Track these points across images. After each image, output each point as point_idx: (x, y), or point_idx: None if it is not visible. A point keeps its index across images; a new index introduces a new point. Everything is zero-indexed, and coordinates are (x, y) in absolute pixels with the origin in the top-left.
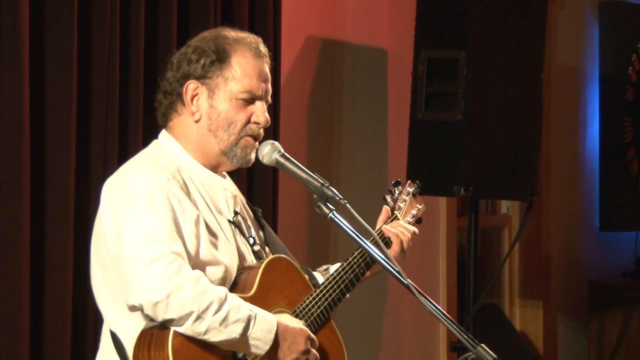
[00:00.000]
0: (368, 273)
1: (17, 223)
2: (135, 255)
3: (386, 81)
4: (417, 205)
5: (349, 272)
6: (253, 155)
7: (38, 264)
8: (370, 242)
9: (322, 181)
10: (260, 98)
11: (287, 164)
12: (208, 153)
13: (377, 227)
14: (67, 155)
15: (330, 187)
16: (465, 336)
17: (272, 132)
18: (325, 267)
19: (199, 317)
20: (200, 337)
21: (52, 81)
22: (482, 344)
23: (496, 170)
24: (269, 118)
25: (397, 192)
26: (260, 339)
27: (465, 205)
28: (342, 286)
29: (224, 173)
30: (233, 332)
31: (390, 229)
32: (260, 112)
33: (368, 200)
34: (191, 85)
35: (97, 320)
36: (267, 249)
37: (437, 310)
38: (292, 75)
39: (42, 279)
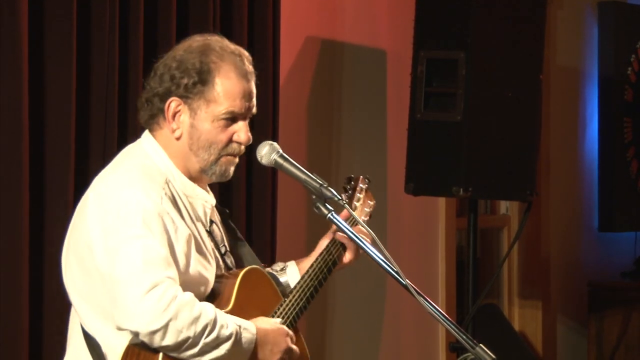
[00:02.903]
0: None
1: (17, 222)
2: (133, 280)
3: (385, 81)
4: (369, 202)
5: (314, 279)
6: (232, 170)
7: (37, 262)
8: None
9: (320, 182)
10: (243, 117)
11: (285, 164)
12: (189, 168)
13: (333, 229)
14: (67, 154)
15: (329, 188)
16: (464, 337)
17: (271, 132)
18: (281, 266)
19: (194, 342)
20: (193, 359)
21: (51, 80)
22: (481, 345)
23: (495, 171)
24: (250, 136)
25: (351, 189)
26: (245, 350)
27: (464, 206)
28: (307, 294)
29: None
30: (223, 348)
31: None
32: (242, 132)
33: None
34: (173, 104)
35: None
36: (231, 257)
37: (435, 311)
38: (291, 76)
39: (41, 277)
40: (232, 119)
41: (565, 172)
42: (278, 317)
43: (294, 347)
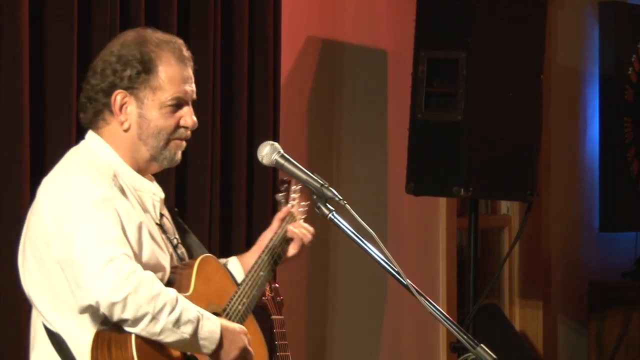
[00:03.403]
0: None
1: (17, 222)
2: (90, 256)
3: (386, 81)
4: (302, 203)
5: (263, 268)
6: (180, 154)
7: None
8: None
9: (321, 182)
10: (186, 102)
11: (286, 164)
12: (138, 159)
13: (275, 225)
14: None
15: (330, 188)
16: (465, 336)
17: (272, 132)
18: (223, 261)
19: (153, 318)
20: (154, 338)
21: (52, 80)
22: (481, 345)
23: (496, 171)
24: (196, 120)
25: (285, 190)
26: (208, 338)
27: (465, 206)
28: (258, 283)
29: (151, 176)
30: (184, 332)
31: (294, 230)
32: (188, 116)
33: (368, 200)
34: (119, 96)
35: None
36: (183, 249)
37: (436, 311)
38: (292, 76)
39: None
40: (177, 104)
41: (566, 172)
42: (234, 303)
43: (250, 349)
